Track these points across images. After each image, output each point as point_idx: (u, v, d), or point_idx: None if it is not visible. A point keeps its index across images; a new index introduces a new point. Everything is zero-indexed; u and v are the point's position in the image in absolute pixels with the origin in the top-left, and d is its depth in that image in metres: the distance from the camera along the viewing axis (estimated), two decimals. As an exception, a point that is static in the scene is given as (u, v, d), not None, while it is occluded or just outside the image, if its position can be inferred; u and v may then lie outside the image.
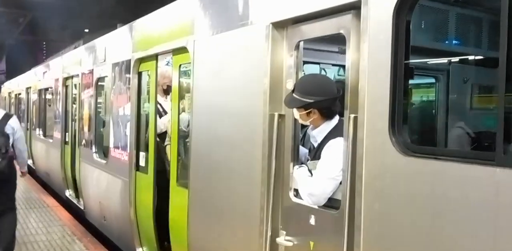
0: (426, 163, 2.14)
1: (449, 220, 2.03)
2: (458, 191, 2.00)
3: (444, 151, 2.67)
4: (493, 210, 1.86)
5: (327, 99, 2.90)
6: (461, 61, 4.10)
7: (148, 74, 5.61)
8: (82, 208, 7.95)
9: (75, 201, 8.59)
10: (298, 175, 3.06)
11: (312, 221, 2.91)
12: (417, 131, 3.61)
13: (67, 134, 9.35)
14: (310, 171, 3.03)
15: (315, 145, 3.10)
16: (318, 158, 2.95)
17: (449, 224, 2.04)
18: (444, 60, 4.16)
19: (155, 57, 5.19)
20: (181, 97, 4.74)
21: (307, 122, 3.07)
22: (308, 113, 2.96)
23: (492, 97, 3.61)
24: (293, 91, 2.95)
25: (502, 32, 1.86)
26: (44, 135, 11.86)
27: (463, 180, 1.98)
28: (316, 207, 2.91)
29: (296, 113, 3.00)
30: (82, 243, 6.53)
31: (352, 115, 2.56)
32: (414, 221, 2.20)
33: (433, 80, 4.48)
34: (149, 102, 5.51)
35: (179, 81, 4.65)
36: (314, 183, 2.88)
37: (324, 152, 2.91)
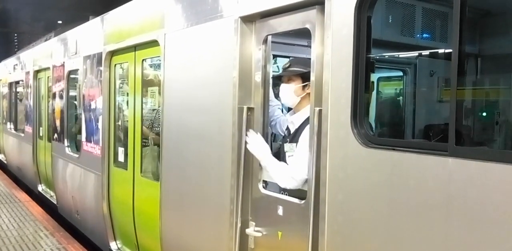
0: (385, 154, 2.23)
1: (406, 207, 2.12)
2: (415, 180, 2.08)
3: (402, 142, 2.76)
4: (445, 197, 1.95)
5: None
6: (422, 55, 4.21)
7: (122, 67, 5.56)
8: (55, 202, 7.87)
9: (47, 196, 8.50)
10: (271, 164, 3.07)
11: (280, 211, 2.97)
12: (378, 124, 3.71)
13: (40, 128, 9.21)
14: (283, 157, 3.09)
15: (292, 130, 3.15)
16: (296, 142, 3.02)
17: (406, 211, 2.13)
18: (405, 54, 4.27)
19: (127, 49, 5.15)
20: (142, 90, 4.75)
21: (296, 100, 3.11)
22: (304, 87, 3.06)
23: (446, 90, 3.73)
24: (288, 67, 3.11)
25: (454, 27, 1.93)
26: (16, 129, 11.66)
27: (419, 169, 2.07)
28: (283, 198, 2.97)
29: (289, 89, 3.09)
30: (55, 238, 6.47)
31: (317, 109, 2.62)
32: (374, 209, 2.28)
33: (400, 73, 4.59)
34: (127, 95, 5.45)
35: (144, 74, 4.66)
36: (294, 167, 2.92)
37: (303, 136, 2.96)
